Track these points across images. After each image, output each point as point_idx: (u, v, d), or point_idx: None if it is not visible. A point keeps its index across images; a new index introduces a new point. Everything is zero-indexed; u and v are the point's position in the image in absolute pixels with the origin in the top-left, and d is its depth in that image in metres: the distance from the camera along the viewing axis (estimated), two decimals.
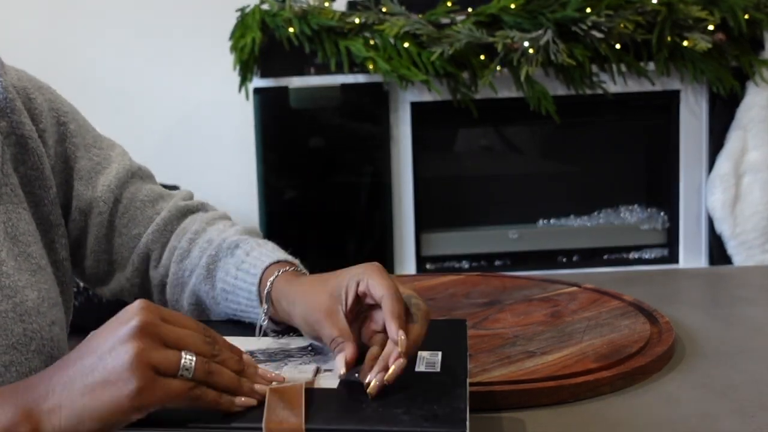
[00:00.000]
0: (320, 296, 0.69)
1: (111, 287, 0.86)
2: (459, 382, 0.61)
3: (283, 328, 0.75)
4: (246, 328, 0.77)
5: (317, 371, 0.63)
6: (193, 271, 0.82)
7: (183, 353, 0.55)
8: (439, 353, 0.66)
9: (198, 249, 0.83)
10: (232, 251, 0.81)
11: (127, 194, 0.88)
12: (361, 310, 0.68)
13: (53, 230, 0.79)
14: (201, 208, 0.93)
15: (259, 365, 0.64)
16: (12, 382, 0.66)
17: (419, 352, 0.66)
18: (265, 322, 0.74)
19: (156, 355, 0.54)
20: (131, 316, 0.55)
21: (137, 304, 0.56)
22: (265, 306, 0.74)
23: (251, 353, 0.68)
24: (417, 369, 0.64)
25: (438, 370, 0.63)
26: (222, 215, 0.93)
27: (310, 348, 0.69)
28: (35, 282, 0.73)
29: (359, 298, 0.67)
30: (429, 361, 0.65)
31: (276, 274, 0.75)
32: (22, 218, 0.75)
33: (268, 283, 0.75)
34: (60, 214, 0.80)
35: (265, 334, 0.75)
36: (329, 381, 0.62)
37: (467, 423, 0.55)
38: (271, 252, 0.79)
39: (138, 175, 0.90)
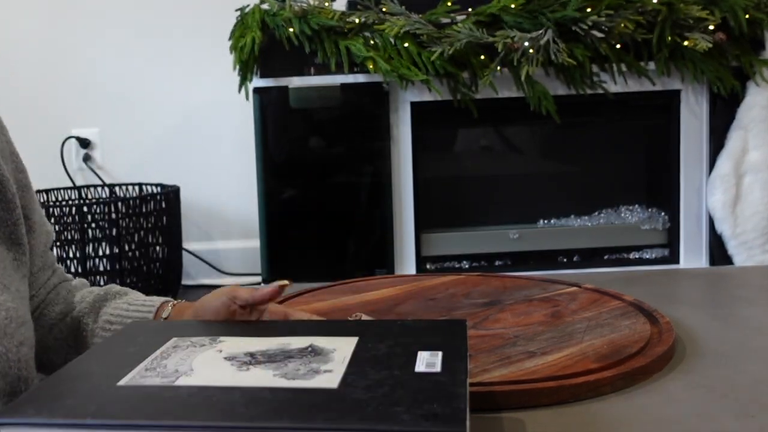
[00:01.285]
0: (210, 310, 0.82)
1: None
2: (459, 382, 0.61)
3: None
4: (248, 328, 0.77)
5: (317, 372, 0.63)
6: (73, 309, 0.89)
7: None
8: (440, 353, 0.66)
9: (79, 296, 0.91)
10: (121, 295, 0.90)
11: (44, 259, 0.93)
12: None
13: (15, 249, 0.80)
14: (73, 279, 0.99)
15: (260, 366, 0.65)
16: None
17: (419, 352, 0.66)
18: None
19: None
20: None
21: None
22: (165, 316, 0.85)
23: (251, 354, 0.68)
24: (417, 369, 0.64)
25: (438, 370, 0.63)
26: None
27: (310, 349, 0.69)
28: (2, 302, 0.72)
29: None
30: (429, 361, 0.65)
31: (172, 304, 0.87)
32: None
33: (169, 307, 0.86)
34: (23, 234, 0.81)
35: None
36: (329, 381, 0.62)
37: (467, 423, 0.55)
38: (160, 297, 0.90)
39: (50, 244, 0.95)
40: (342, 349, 0.69)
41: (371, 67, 2.17)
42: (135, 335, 0.76)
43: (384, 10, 2.21)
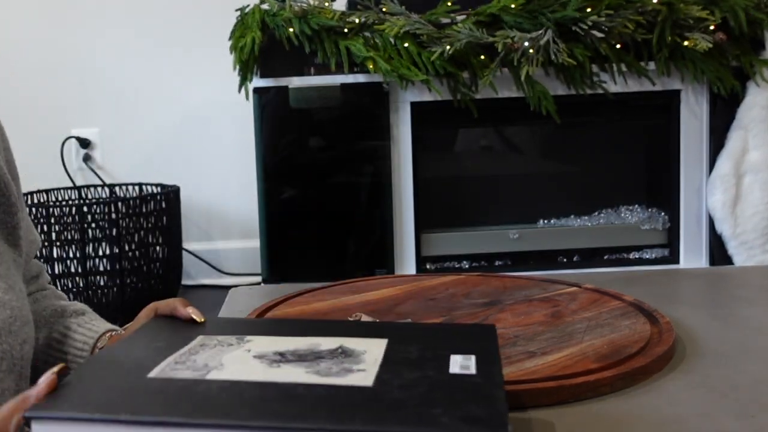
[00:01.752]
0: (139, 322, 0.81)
1: None
2: (496, 384, 0.59)
3: None
4: (275, 327, 0.76)
5: (350, 371, 0.62)
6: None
7: None
8: (473, 357, 0.65)
9: (41, 306, 0.91)
10: (77, 315, 0.91)
11: (28, 268, 0.93)
12: None
13: (14, 251, 0.81)
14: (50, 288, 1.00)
15: (292, 364, 0.64)
16: None
17: (451, 356, 0.65)
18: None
19: None
20: None
21: None
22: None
23: (281, 354, 0.67)
24: (451, 371, 0.62)
25: (473, 372, 0.62)
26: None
27: (340, 350, 0.68)
28: (7, 301, 0.73)
29: None
30: (463, 364, 0.64)
31: (109, 335, 0.88)
32: None
33: (106, 337, 0.87)
34: (21, 236, 0.82)
35: None
36: (364, 379, 0.60)
37: (509, 427, 0.53)
38: (108, 324, 0.91)
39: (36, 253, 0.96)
40: (372, 350, 0.68)
41: (371, 67, 2.17)
42: (160, 330, 0.75)
43: (384, 10, 2.21)
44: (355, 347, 0.69)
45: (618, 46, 2.22)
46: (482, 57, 2.20)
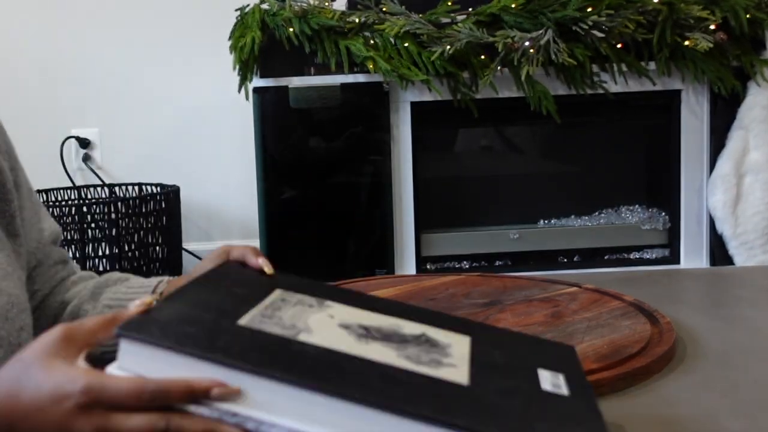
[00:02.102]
0: (208, 265, 0.79)
1: None
2: (595, 410, 0.57)
3: None
4: (351, 297, 0.73)
5: (440, 363, 0.60)
6: (75, 298, 0.89)
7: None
8: (561, 375, 0.62)
9: (81, 285, 0.92)
10: (122, 281, 0.90)
11: (45, 254, 0.92)
12: None
13: (13, 240, 0.81)
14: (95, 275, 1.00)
15: (379, 342, 0.61)
16: None
17: (539, 370, 0.62)
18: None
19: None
20: (78, 424, 0.52)
21: (81, 409, 0.52)
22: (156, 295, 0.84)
23: (365, 328, 0.64)
24: (543, 387, 0.59)
25: (566, 393, 0.59)
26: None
27: (424, 338, 0.65)
28: (4, 287, 0.74)
29: None
30: (553, 381, 0.61)
31: (167, 280, 0.87)
32: None
33: (163, 284, 0.86)
34: (20, 226, 0.82)
35: None
36: (459, 376, 0.58)
37: None
38: (159, 277, 0.90)
39: (56, 242, 0.95)
40: (457, 345, 0.64)
41: (371, 67, 2.17)
42: (236, 276, 0.72)
43: (384, 9, 2.21)
44: (438, 338, 0.65)
45: (618, 46, 2.21)
46: (482, 57, 2.19)
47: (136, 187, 2.76)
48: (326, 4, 2.23)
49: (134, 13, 2.79)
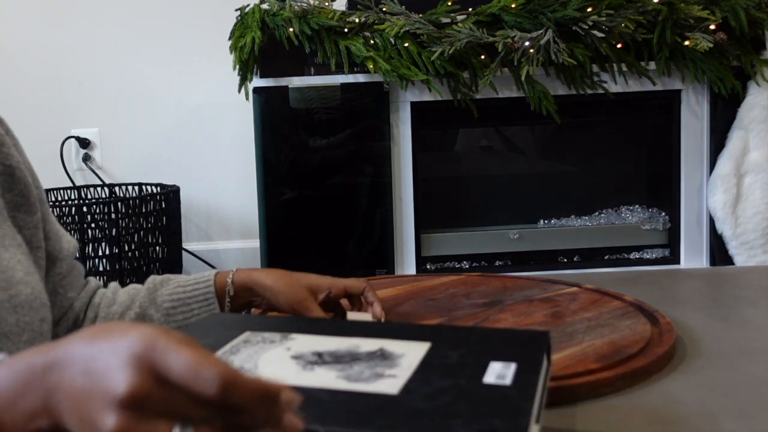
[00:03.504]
0: (298, 284, 0.91)
1: None
2: (527, 396, 0.57)
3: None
4: (322, 326, 0.76)
5: (381, 376, 0.62)
6: (128, 309, 0.92)
7: (175, 427, 0.45)
8: (513, 365, 0.63)
9: (124, 293, 0.94)
10: (167, 282, 0.93)
11: (71, 265, 0.94)
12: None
13: (34, 252, 0.84)
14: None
15: (325, 366, 0.63)
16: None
17: (491, 363, 0.63)
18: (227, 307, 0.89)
19: (141, 429, 0.45)
20: (124, 374, 0.44)
21: (133, 356, 0.45)
22: (230, 286, 0.91)
23: (319, 354, 0.67)
24: (485, 380, 0.60)
25: (508, 383, 0.60)
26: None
27: (379, 353, 0.67)
28: (29, 281, 0.76)
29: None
30: (500, 372, 0.62)
31: (233, 271, 0.92)
32: (7, 234, 0.80)
33: (231, 273, 0.92)
34: (42, 239, 0.85)
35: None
36: (390, 387, 0.60)
37: None
38: (208, 272, 0.95)
39: (76, 254, 0.98)
40: (411, 354, 0.66)
41: (371, 67, 2.17)
42: (212, 326, 0.75)
43: (384, 10, 2.21)
44: (394, 350, 0.67)
45: (618, 45, 2.22)
46: (482, 57, 2.19)
47: (136, 187, 2.76)
48: (326, 4, 2.23)
49: (134, 14, 2.79)
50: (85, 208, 2.40)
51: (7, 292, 0.72)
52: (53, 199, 2.70)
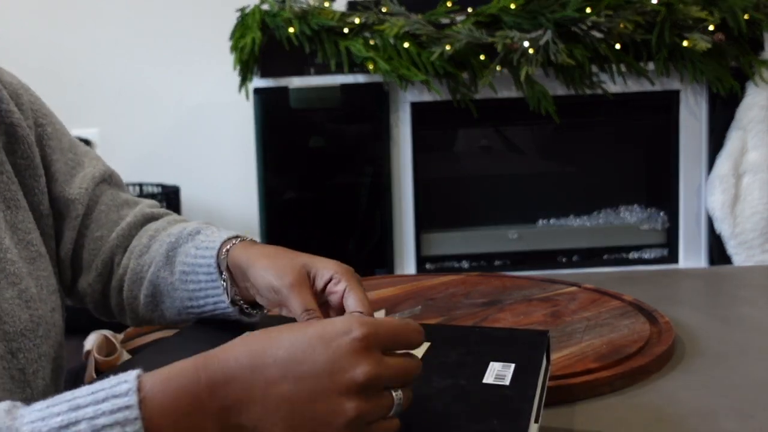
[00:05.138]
0: (288, 266, 0.75)
1: (73, 294, 0.84)
2: (526, 397, 0.57)
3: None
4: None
5: None
6: (152, 262, 0.80)
7: (395, 395, 0.51)
8: (512, 365, 0.63)
9: (158, 243, 0.82)
10: (192, 237, 0.80)
11: (95, 198, 0.83)
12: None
13: (43, 220, 0.78)
14: (166, 214, 0.88)
15: None
16: (21, 368, 0.68)
17: (490, 363, 0.63)
18: (230, 289, 0.75)
19: (374, 411, 0.50)
20: (355, 362, 0.49)
21: (361, 345, 0.50)
22: (224, 274, 0.76)
23: None
24: (485, 380, 0.60)
25: (507, 383, 0.60)
26: (185, 221, 0.89)
27: None
28: (34, 270, 0.74)
29: (322, 292, 0.75)
30: (499, 373, 0.62)
31: (232, 243, 0.77)
32: (21, 206, 0.75)
33: (224, 251, 0.76)
34: (48, 205, 0.79)
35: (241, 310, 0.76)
36: None
37: None
38: (230, 232, 0.79)
39: (108, 180, 0.86)
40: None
41: (371, 67, 2.17)
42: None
43: (384, 10, 2.21)
44: None
45: (617, 46, 2.22)
46: (482, 57, 2.20)
47: (137, 187, 2.76)
48: (326, 4, 2.23)
49: (134, 14, 2.80)
50: None
51: (17, 287, 0.70)
52: None
